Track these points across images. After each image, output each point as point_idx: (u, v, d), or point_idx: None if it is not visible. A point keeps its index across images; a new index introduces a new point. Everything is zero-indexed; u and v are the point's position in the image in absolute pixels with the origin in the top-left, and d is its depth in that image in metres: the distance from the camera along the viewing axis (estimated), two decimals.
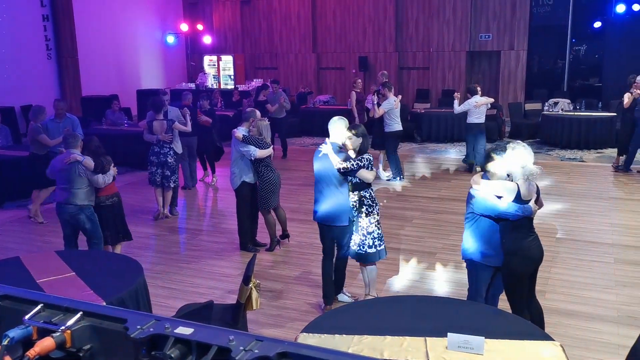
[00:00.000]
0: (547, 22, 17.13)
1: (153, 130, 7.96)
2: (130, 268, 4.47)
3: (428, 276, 6.09)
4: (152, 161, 8.03)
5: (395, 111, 9.80)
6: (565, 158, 11.70)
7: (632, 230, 7.33)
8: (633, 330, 4.64)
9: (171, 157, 8.05)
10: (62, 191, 5.72)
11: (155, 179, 8.04)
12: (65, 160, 5.68)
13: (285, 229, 7.03)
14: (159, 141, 7.95)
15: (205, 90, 17.71)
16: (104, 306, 1.34)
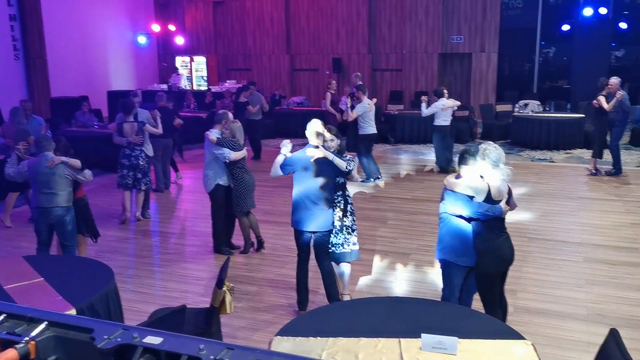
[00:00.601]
0: (517, 25, 17.41)
1: (123, 133, 7.84)
2: (100, 272, 4.38)
3: (402, 277, 6.12)
4: (123, 164, 7.91)
5: (369, 114, 9.86)
6: (535, 159, 11.89)
7: (601, 229, 7.48)
8: (602, 327, 4.72)
9: (143, 160, 7.94)
10: (46, 195, 5.56)
11: (127, 182, 7.92)
12: (48, 164, 5.53)
13: (259, 234, 6.96)
14: (130, 144, 7.84)
15: (178, 92, 17.58)
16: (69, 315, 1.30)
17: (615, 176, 10.06)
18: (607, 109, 9.60)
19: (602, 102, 9.61)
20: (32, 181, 5.63)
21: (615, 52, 16.95)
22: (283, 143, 5.17)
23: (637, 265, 6.26)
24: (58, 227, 5.67)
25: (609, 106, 9.56)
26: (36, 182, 5.57)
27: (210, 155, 6.56)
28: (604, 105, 9.61)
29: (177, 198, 9.68)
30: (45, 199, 5.57)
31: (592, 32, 15.90)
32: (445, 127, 10.49)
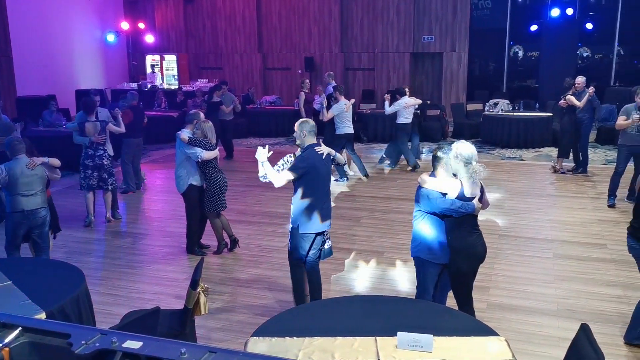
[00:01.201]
0: (486, 25, 17.65)
1: (85, 132, 7.69)
2: (71, 275, 4.30)
3: (377, 275, 6.15)
4: (86, 165, 7.74)
5: (346, 114, 9.96)
6: (505, 157, 12.07)
7: (569, 226, 7.63)
8: (572, 322, 4.82)
9: (107, 159, 7.81)
10: (28, 198, 5.48)
11: (91, 183, 7.75)
12: (30, 166, 5.46)
13: (232, 234, 6.93)
14: (92, 143, 7.69)
15: (147, 90, 17.36)
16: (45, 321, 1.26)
17: (581, 174, 10.26)
18: (579, 106, 9.77)
19: (574, 100, 9.76)
20: (11, 186, 5.46)
21: (582, 52, 17.30)
22: (260, 152, 4.91)
23: (605, 261, 6.40)
24: (37, 228, 5.60)
25: (582, 103, 9.74)
26: (17, 185, 5.44)
27: (182, 155, 6.50)
28: (575, 104, 9.76)
29: (148, 198, 9.55)
30: (27, 202, 5.49)
31: (559, 33, 16.22)
32: (408, 125, 10.73)
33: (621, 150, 8.24)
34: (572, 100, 9.77)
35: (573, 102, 9.78)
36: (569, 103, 9.82)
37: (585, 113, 9.96)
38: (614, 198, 8.36)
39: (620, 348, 4.59)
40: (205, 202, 6.60)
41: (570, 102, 9.79)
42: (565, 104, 9.89)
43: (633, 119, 7.74)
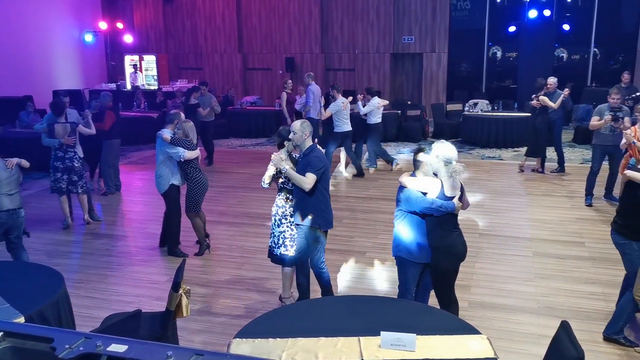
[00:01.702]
0: (465, 26, 17.79)
1: (55, 134, 7.58)
2: (50, 278, 4.23)
3: (359, 275, 6.16)
4: (56, 167, 7.60)
5: (344, 112, 10.07)
6: (485, 156, 12.18)
7: (548, 224, 7.73)
8: (552, 320, 4.88)
9: (77, 162, 7.70)
10: (11, 197, 5.47)
11: (61, 186, 7.63)
12: (9, 166, 5.46)
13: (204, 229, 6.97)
14: (62, 145, 7.58)
15: (126, 91, 17.20)
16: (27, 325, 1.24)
17: (558, 173, 10.41)
18: (554, 107, 9.88)
19: (547, 101, 9.87)
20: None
21: (559, 52, 17.53)
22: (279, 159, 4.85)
23: (584, 259, 6.50)
24: (17, 228, 5.58)
25: (556, 105, 9.86)
26: (2, 186, 5.42)
27: (163, 155, 6.46)
28: (550, 105, 9.86)
29: (127, 200, 9.45)
30: (11, 201, 5.47)
31: (536, 34, 16.42)
32: (380, 125, 10.90)
33: (595, 150, 8.37)
34: (545, 101, 9.88)
35: (547, 103, 9.88)
36: (542, 104, 9.92)
37: (558, 113, 10.11)
38: (592, 197, 8.48)
39: (599, 345, 4.66)
40: (187, 202, 6.58)
41: (543, 102, 9.89)
42: (538, 105, 9.98)
43: (606, 120, 7.85)
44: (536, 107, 10.06)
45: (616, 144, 7.85)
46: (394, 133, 13.94)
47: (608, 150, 8.19)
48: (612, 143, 8.04)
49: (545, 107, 9.96)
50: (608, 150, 8.19)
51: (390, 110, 14.52)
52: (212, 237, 7.28)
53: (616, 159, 8.09)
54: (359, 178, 10.39)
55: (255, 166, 11.47)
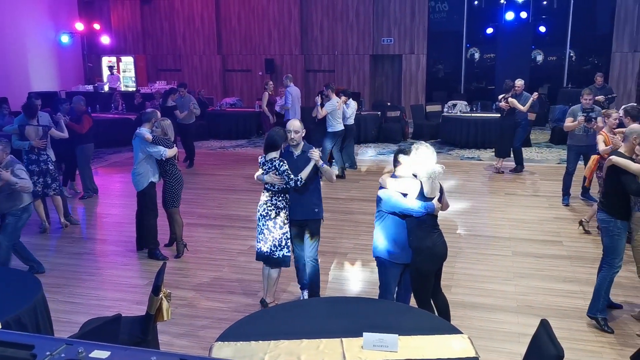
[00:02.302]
0: (444, 28, 17.93)
1: (26, 136, 7.47)
2: (26, 283, 4.17)
3: (341, 276, 6.17)
4: (32, 170, 7.48)
5: (337, 112, 10.16)
6: (464, 157, 12.28)
7: (527, 224, 7.82)
8: (531, 318, 4.94)
9: (51, 164, 7.62)
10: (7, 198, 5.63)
11: (36, 190, 7.51)
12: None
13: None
14: (33, 148, 7.47)
15: (104, 93, 17.00)
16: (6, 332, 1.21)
17: (518, 173, 10.54)
18: (523, 110, 10.02)
19: (516, 103, 10.00)
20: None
21: (536, 54, 17.75)
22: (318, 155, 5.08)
23: (561, 258, 6.58)
24: None
25: (525, 107, 10.01)
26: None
27: (143, 154, 6.49)
28: (518, 107, 9.99)
29: (106, 203, 9.34)
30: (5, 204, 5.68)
31: (513, 35, 16.61)
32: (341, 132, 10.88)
33: (570, 151, 8.47)
34: (514, 103, 10.01)
35: (515, 105, 10.02)
36: (510, 105, 10.03)
37: (524, 115, 10.28)
38: (569, 197, 8.60)
39: (578, 342, 4.73)
40: (168, 199, 6.64)
41: (512, 104, 10.01)
42: (507, 106, 10.09)
43: (579, 121, 7.92)
44: (504, 108, 10.16)
45: (590, 144, 7.96)
46: (374, 134, 13.99)
47: (582, 150, 8.29)
48: (586, 143, 8.15)
49: (513, 109, 10.08)
50: (582, 150, 8.29)
51: (370, 112, 14.60)
52: (193, 240, 7.25)
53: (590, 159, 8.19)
54: (340, 179, 10.40)
55: (235, 168, 11.42)
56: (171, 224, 6.80)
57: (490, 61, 18.07)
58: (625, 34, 15.74)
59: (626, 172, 4.78)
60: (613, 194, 4.95)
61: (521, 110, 10.03)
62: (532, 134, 13.68)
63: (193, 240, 7.25)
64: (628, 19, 15.66)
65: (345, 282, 6.02)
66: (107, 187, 10.34)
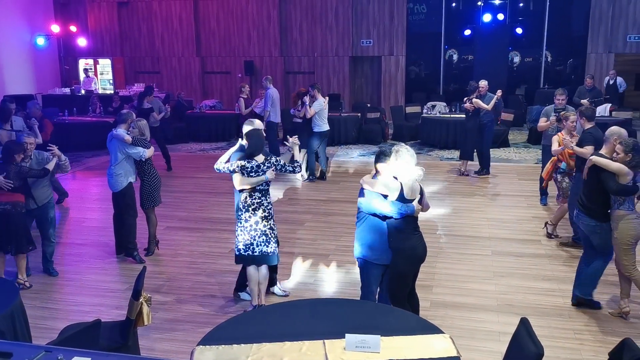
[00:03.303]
0: (422, 30, 18.05)
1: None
2: (3, 289, 4.09)
3: (323, 278, 6.16)
4: None
5: (324, 112, 10.21)
6: (444, 158, 12.37)
7: (505, 223, 7.90)
8: (512, 317, 4.99)
9: None
10: None
11: None
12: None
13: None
14: None
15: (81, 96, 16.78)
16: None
17: (485, 176, 10.54)
18: (488, 109, 10.14)
19: (481, 103, 10.10)
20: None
21: (513, 55, 17.96)
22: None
23: (540, 257, 6.66)
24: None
25: (490, 106, 10.14)
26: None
27: (121, 154, 6.47)
28: (483, 107, 10.09)
29: (83, 207, 9.21)
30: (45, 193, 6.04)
31: (491, 37, 16.79)
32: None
33: (545, 151, 8.48)
34: (479, 103, 10.10)
35: (480, 105, 10.11)
36: (475, 106, 10.13)
37: (489, 116, 10.37)
38: (546, 197, 8.70)
39: (557, 340, 4.78)
40: (145, 198, 6.66)
41: (477, 105, 10.11)
42: (472, 107, 10.19)
43: (552, 121, 8.01)
44: (469, 109, 10.25)
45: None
46: (354, 135, 14.01)
47: None
48: None
49: (477, 110, 10.18)
50: None
51: (350, 113, 14.62)
52: (173, 243, 7.20)
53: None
54: (321, 181, 10.41)
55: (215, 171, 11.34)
56: (148, 225, 6.80)
57: (468, 62, 18.24)
58: (600, 34, 16.02)
59: (606, 171, 4.87)
60: (595, 196, 5.06)
61: (486, 109, 10.14)
62: (510, 134, 13.84)
63: (174, 244, 7.19)
64: (602, 20, 15.94)
65: (327, 284, 6.02)
66: (85, 190, 10.21)
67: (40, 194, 5.99)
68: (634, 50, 16.17)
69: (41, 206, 6.02)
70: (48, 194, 6.13)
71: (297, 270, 6.34)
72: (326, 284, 6.03)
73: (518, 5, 17.89)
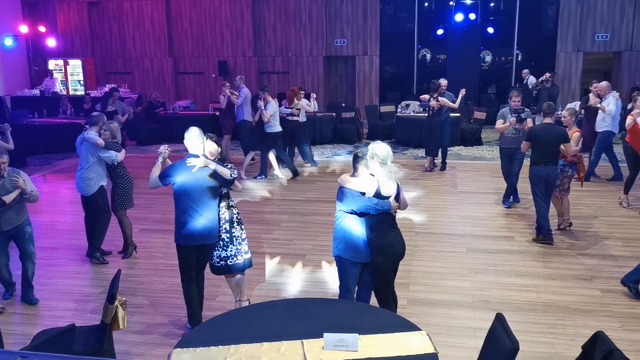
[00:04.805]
0: (395, 29, 18.15)
1: None
2: None
3: (300, 278, 6.16)
4: None
5: (276, 113, 10.28)
6: (418, 157, 12.45)
7: (480, 220, 8.00)
8: (487, 313, 5.05)
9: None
10: None
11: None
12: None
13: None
14: None
15: (50, 97, 16.48)
16: None
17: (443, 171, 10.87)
18: (455, 107, 10.46)
19: (447, 101, 10.33)
20: None
21: (485, 54, 18.17)
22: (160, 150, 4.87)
23: (513, 253, 6.76)
24: None
25: (457, 104, 10.45)
26: None
27: (93, 158, 6.41)
28: (450, 105, 10.39)
29: (55, 210, 9.05)
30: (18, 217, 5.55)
31: (463, 36, 16.98)
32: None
33: (502, 153, 8.50)
34: (446, 101, 10.33)
35: (447, 103, 10.36)
36: (441, 104, 10.32)
37: (448, 113, 10.67)
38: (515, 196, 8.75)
39: (532, 334, 4.86)
40: (117, 201, 6.60)
41: (444, 103, 10.33)
42: (438, 105, 10.35)
43: (510, 122, 8.02)
44: (435, 107, 10.41)
45: (519, 145, 8.15)
46: (329, 135, 14.04)
47: (512, 152, 8.27)
48: (517, 145, 8.10)
49: (441, 108, 10.40)
50: (512, 152, 8.27)
51: (325, 113, 14.64)
52: (148, 246, 7.12)
53: (517, 160, 8.31)
54: (295, 180, 10.40)
55: None
56: (121, 228, 6.71)
57: (441, 62, 18.39)
58: (569, 34, 16.32)
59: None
60: None
61: (454, 107, 10.49)
62: (483, 133, 14.00)
63: (149, 246, 7.12)
64: (571, 20, 16.24)
65: (304, 284, 6.02)
66: (56, 193, 10.03)
67: (12, 217, 5.44)
68: (602, 49, 16.52)
69: (17, 225, 5.51)
70: (24, 214, 5.57)
71: (275, 271, 6.33)
72: (304, 283, 6.02)
73: (489, 5, 18.11)
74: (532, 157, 6.93)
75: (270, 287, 5.91)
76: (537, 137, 6.82)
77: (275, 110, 10.20)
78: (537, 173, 6.84)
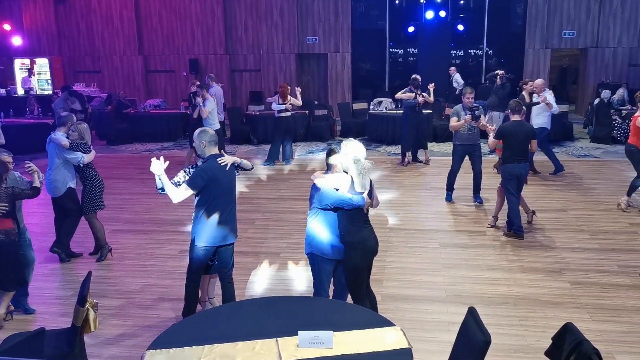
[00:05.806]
0: (367, 27, 18.22)
1: None
2: None
3: (274, 276, 6.15)
4: None
5: (215, 110, 10.42)
6: (391, 153, 12.53)
7: (452, 216, 8.09)
8: (459, 307, 5.12)
9: None
10: None
11: None
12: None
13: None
14: None
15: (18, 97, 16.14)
16: None
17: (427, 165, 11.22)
18: (431, 101, 10.89)
19: (427, 97, 10.71)
20: None
21: (457, 52, 18.36)
22: (155, 164, 4.61)
23: (485, 247, 6.86)
24: None
25: (432, 98, 10.85)
26: None
27: (59, 159, 6.33)
28: (430, 100, 10.82)
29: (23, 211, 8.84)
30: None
31: (433, 34, 17.14)
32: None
33: (456, 150, 8.52)
34: (426, 97, 10.67)
35: (428, 99, 10.75)
36: (426, 100, 10.68)
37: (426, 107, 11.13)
38: (452, 193, 8.81)
39: (503, 327, 4.94)
40: (86, 204, 6.49)
41: (426, 99, 10.69)
42: (423, 101, 10.69)
43: (466, 119, 8.08)
44: (421, 103, 10.67)
45: (475, 142, 8.27)
46: (302, 133, 14.03)
47: (468, 149, 8.36)
48: (472, 142, 8.24)
49: (422, 106, 10.80)
50: (468, 149, 8.36)
51: (298, 111, 14.61)
52: (120, 247, 7.03)
53: (476, 157, 8.43)
54: (271, 179, 10.37)
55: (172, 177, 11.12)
56: (92, 231, 6.61)
57: (413, 59, 18.52)
58: (537, 31, 16.59)
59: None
60: None
61: (431, 102, 11.05)
62: None
63: (120, 247, 7.02)
64: (539, 17, 16.51)
65: (278, 282, 6.01)
66: None
67: (20, 217, 5.39)
68: (569, 46, 16.83)
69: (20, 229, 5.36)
70: (22, 216, 5.52)
71: (248, 270, 6.30)
72: (278, 282, 6.01)
73: (459, 2, 18.30)
74: (504, 156, 7.02)
75: (245, 286, 5.88)
76: (510, 135, 6.92)
77: (214, 107, 10.27)
78: (510, 171, 6.95)
